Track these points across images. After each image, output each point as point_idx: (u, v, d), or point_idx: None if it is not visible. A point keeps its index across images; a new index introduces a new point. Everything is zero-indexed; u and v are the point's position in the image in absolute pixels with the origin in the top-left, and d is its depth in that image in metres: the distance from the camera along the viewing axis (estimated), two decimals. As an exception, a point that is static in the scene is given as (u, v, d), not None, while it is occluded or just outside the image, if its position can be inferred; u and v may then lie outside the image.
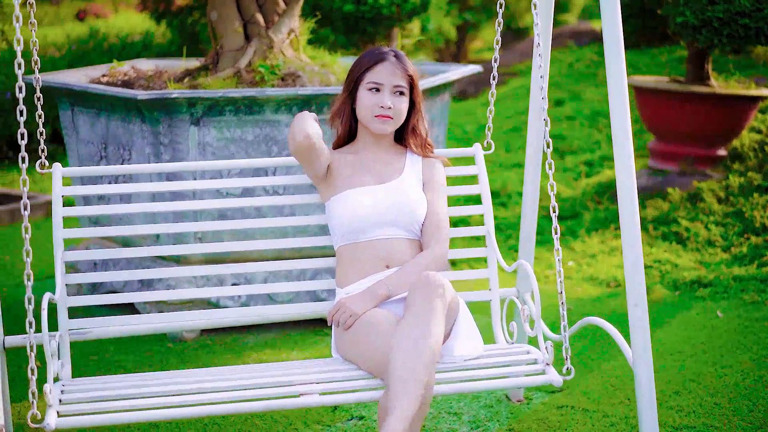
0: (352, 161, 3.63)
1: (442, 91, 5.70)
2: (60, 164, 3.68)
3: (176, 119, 4.81)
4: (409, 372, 3.06)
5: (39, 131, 3.53)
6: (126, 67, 5.98)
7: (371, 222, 3.52)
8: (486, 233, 3.86)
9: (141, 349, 4.96)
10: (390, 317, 3.33)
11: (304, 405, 3.20)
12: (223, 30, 5.52)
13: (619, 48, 3.33)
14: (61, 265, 3.52)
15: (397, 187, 3.58)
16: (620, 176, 3.36)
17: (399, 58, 3.59)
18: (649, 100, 7.36)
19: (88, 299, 3.67)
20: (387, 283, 3.45)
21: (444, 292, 3.22)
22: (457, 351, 3.41)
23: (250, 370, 3.47)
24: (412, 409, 3.02)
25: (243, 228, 3.81)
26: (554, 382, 3.37)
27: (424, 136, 3.71)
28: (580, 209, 7.09)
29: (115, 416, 3.12)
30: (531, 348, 3.58)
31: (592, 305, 5.49)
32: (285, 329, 5.21)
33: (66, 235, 3.59)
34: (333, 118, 3.70)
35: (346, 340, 3.43)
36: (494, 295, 3.83)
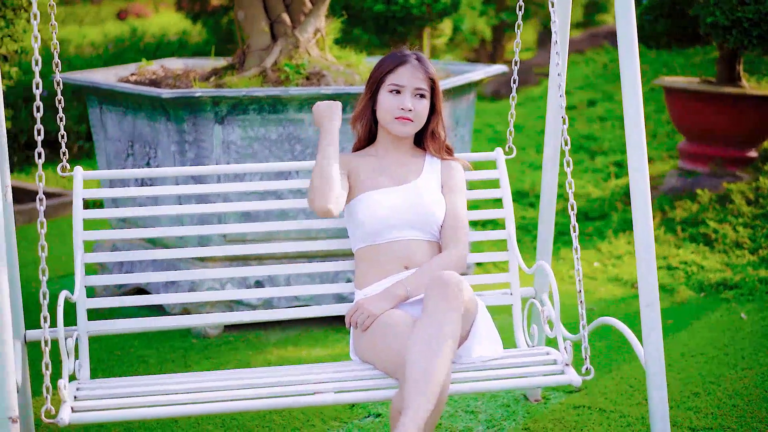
0: (372, 164, 3.65)
1: (468, 91, 5.70)
2: (81, 167, 3.73)
3: (201, 118, 4.86)
4: (424, 372, 3.07)
5: (60, 134, 3.58)
6: (155, 66, 6.05)
7: (390, 224, 3.54)
8: (507, 237, 3.87)
9: (165, 345, 5.02)
10: (407, 318, 3.35)
11: (319, 403, 3.23)
12: (249, 29, 5.57)
13: (633, 51, 3.34)
14: (80, 266, 3.56)
15: (415, 188, 3.60)
16: (633, 176, 3.36)
17: (421, 61, 3.60)
18: (679, 101, 7.32)
19: (108, 301, 3.70)
20: (405, 284, 3.47)
21: (460, 292, 3.22)
22: (476, 352, 3.41)
23: (267, 370, 3.50)
24: (427, 410, 3.03)
25: (267, 230, 3.85)
26: (573, 383, 3.37)
27: (443, 140, 3.72)
28: (608, 210, 7.07)
29: (130, 412, 3.16)
30: (550, 349, 3.58)
31: (616, 306, 5.47)
32: (307, 327, 5.24)
33: (86, 237, 3.64)
34: (354, 120, 3.72)
35: (363, 340, 3.45)
36: (515, 299, 3.84)
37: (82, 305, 3.58)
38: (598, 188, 7.57)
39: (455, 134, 5.58)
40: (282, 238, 4.94)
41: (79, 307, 3.57)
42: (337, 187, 3.47)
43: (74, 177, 3.69)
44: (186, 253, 3.78)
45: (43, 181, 3.19)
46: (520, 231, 6.88)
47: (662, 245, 6.35)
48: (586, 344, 3.41)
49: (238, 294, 3.78)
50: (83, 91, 5.61)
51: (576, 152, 8.58)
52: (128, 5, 22.34)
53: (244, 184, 3.83)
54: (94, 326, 3.63)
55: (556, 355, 3.50)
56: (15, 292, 3.63)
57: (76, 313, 3.59)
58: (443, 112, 3.69)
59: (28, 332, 3.63)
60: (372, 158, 3.67)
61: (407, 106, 3.55)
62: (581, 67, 11.47)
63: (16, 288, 3.64)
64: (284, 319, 4.24)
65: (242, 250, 3.81)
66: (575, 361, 3.64)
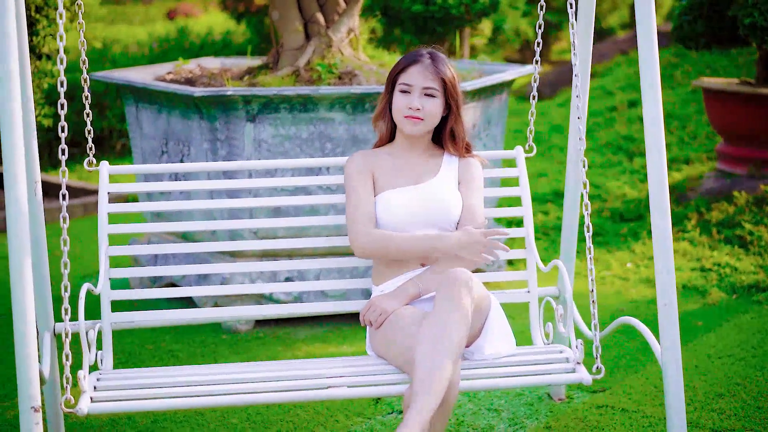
0: (390, 163, 3.69)
1: (500, 91, 5.72)
2: (107, 162, 3.81)
3: (232, 116, 4.93)
4: (430, 368, 3.11)
5: (87, 129, 3.66)
6: (192, 65, 6.13)
7: (407, 222, 3.57)
8: (525, 235, 3.88)
9: (195, 340, 5.09)
10: (418, 314, 3.39)
11: (332, 397, 3.27)
12: (283, 29, 5.63)
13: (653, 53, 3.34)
14: (105, 258, 3.63)
15: (431, 187, 3.63)
16: (652, 175, 3.36)
17: (434, 60, 3.60)
18: (717, 103, 7.28)
19: (134, 293, 3.78)
20: (417, 281, 3.51)
21: (469, 291, 3.25)
22: (488, 350, 3.45)
23: (282, 364, 3.55)
24: (432, 405, 3.07)
25: (297, 225, 3.90)
26: (584, 381, 3.38)
27: (463, 138, 3.73)
28: (643, 212, 7.04)
29: (150, 403, 3.22)
30: (564, 348, 3.60)
31: (646, 307, 5.46)
32: (336, 324, 5.29)
33: (111, 230, 3.72)
34: (375, 119, 3.76)
35: (377, 337, 3.50)
36: (533, 297, 3.85)
37: (106, 297, 3.65)
38: (635, 189, 7.54)
39: (487, 134, 5.60)
40: (312, 234, 4.99)
41: (103, 299, 3.65)
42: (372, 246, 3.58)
43: (100, 172, 3.78)
44: (217, 247, 3.84)
45: (66, 176, 3.27)
46: (555, 231, 6.88)
47: (697, 247, 6.33)
48: (597, 343, 3.42)
49: (267, 288, 3.84)
50: (120, 90, 5.70)
51: (614, 153, 8.56)
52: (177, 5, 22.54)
53: (274, 180, 3.89)
54: (117, 318, 3.70)
55: (569, 353, 3.52)
56: (44, 285, 3.71)
57: (101, 305, 3.67)
58: (463, 110, 3.70)
59: (57, 325, 3.71)
60: (390, 157, 3.70)
61: (414, 105, 3.57)
62: (624, 68, 11.43)
63: (45, 282, 3.73)
64: (313, 314, 4.28)
65: (272, 245, 3.86)
66: (589, 359, 3.65)
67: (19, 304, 3.00)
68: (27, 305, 3.01)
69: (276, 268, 3.87)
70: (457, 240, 3.48)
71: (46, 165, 9.05)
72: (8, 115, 3.00)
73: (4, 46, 2.99)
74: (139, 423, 4.12)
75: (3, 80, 2.99)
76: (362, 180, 3.63)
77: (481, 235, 3.45)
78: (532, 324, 3.84)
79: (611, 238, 6.72)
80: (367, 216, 3.57)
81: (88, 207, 7.54)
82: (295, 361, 3.59)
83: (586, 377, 3.38)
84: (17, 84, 3.01)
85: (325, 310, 3.88)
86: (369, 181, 3.64)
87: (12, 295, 3.01)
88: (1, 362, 4.76)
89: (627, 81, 10.57)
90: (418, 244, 3.52)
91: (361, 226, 3.54)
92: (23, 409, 3.01)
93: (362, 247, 3.54)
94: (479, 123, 5.51)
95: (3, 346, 4.96)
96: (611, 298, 5.65)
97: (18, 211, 3.00)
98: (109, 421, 4.13)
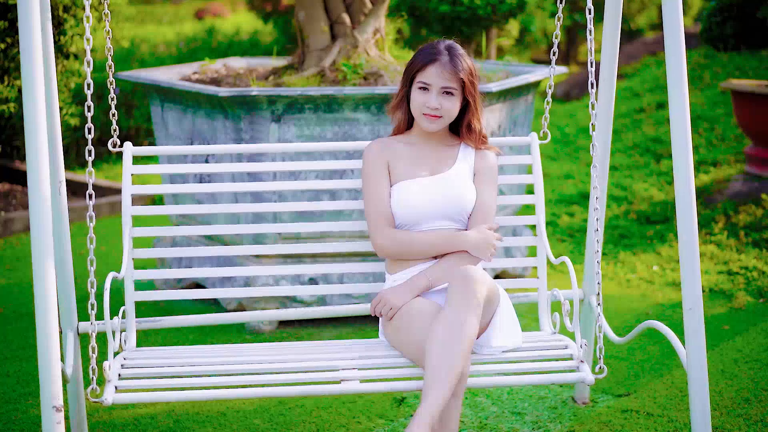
0: (406, 153, 3.70)
1: (526, 92, 5.69)
2: (131, 143, 3.83)
3: (257, 116, 4.93)
4: (442, 362, 3.15)
5: (111, 113, 3.72)
6: (218, 65, 6.14)
7: (421, 213, 3.60)
8: (536, 223, 3.87)
9: (219, 340, 5.09)
10: (431, 307, 3.42)
11: (345, 391, 3.29)
12: (309, 30, 5.62)
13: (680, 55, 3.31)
14: (128, 240, 3.68)
15: (447, 178, 3.64)
16: (678, 177, 3.33)
17: (453, 56, 3.59)
18: (746, 104, 7.22)
19: (164, 294, 3.80)
20: (428, 274, 3.53)
21: (481, 286, 3.29)
22: (495, 342, 3.48)
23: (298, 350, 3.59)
24: (444, 399, 3.11)
25: (322, 229, 3.91)
26: (586, 381, 3.37)
27: (480, 131, 3.73)
28: (670, 214, 6.99)
29: (173, 394, 3.25)
30: (569, 342, 3.57)
31: (672, 310, 5.42)
32: (360, 325, 5.28)
33: (135, 212, 3.75)
34: (393, 110, 3.77)
35: (389, 329, 3.55)
36: (541, 283, 3.85)
37: (130, 278, 3.70)
38: (662, 192, 7.49)
39: (512, 135, 5.57)
40: (336, 236, 4.99)
41: (126, 280, 3.69)
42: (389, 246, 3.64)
43: (124, 152, 3.81)
44: (242, 250, 3.86)
45: (93, 176, 3.28)
46: (582, 233, 6.85)
47: (724, 250, 6.28)
48: (601, 344, 3.41)
49: (291, 290, 3.85)
50: (146, 89, 5.71)
51: (642, 155, 8.51)
52: (206, 5, 22.63)
53: (299, 183, 3.89)
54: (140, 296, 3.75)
55: (574, 348, 3.50)
56: (68, 284, 3.72)
57: (124, 285, 3.70)
58: (481, 105, 3.70)
59: (81, 324, 3.72)
60: (407, 147, 3.72)
61: (433, 104, 3.58)
62: (652, 69, 11.35)
63: (69, 281, 3.74)
64: (337, 316, 4.27)
65: (296, 248, 3.87)
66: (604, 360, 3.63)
67: (42, 304, 3.00)
68: (49, 305, 3.01)
69: (300, 271, 3.87)
70: (473, 240, 3.56)
71: (72, 164, 9.10)
72: (33, 116, 3.00)
73: (29, 47, 2.99)
74: (162, 422, 4.12)
75: (27, 80, 3.00)
76: (379, 171, 3.66)
77: (494, 237, 3.57)
78: (540, 312, 3.83)
79: (637, 241, 6.67)
80: (385, 216, 3.62)
81: (115, 206, 7.57)
82: (307, 346, 3.64)
83: (589, 377, 3.36)
84: (41, 84, 3.02)
85: (348, 312, 3.89)
86: (385, 171, 3.67)
87: (35, 294, 3.02)
88: (26, 360, 4.78)
89: (655, 82, 10.50)
90: (435, 243, 3.58)
91: (380, 227, 3.61)
92: (45, 408, 3.01)
93: (383, 249, 3.61)
94: (505, 124, 5.49)
95: (27, 344, 4.98)
96: (636, 301, 5.61)
97: (42, 212, 3.01)
98: (131, 421, 4.13)
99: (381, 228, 3.60)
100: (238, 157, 5.00)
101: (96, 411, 4.20)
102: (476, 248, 3.56)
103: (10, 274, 6.26)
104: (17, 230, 7.15)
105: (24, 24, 2.99)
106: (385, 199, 3.63)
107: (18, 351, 4.92)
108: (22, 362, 4.77)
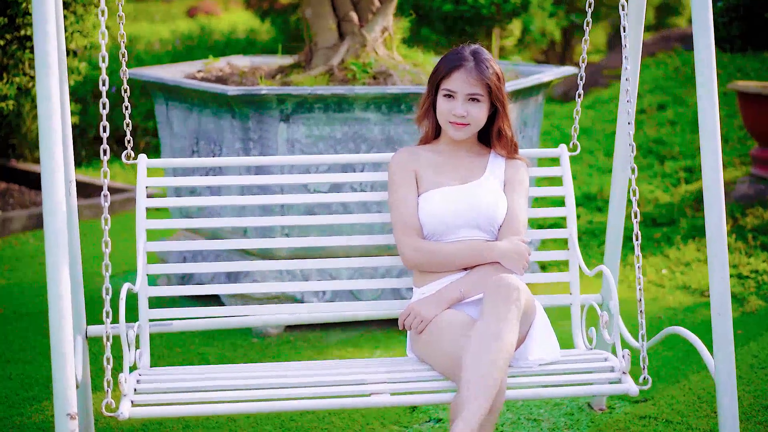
0: (435, 161, 3.59)
1: (536, 93, 5.62)
2: (146, 155, 3.73)
3: (265, 115, 4.84)
4: (480, 375, 3.03)
5: (125, 122, 3.60)
6: (221, 63, 6.05)
7: (451, 223, 3.48)
8: (568, 236, 3.78)
9: (225, 343, 5.01)
10: (464, 319, 3.30)
11: (374, 404, 3.18)
12: (317, 28, 5.54)
13: (710, 52, 3.24)
14: (143, 255, 3.55)
15: (477, 188, 3.53)
16: (707, 181, 3.26)
17: (478, 62, 3.48)
18: (752, 106, 7.15)
19: (169, 290, 3.70)
20: (459, 285, 3.41)
21: (519, 296, 3.17)
22: (532, 355, 3.36)
23: (324, 366, 3.48)
24: (482, 413, 2.99)
25: (329, 223, 3.81)
26: (630, 392, 3.29)
27: (510, 138, 3.63)
28: (677, 216, 6.93)
29: (190, 408, 3.14)
30: (609, 355, 3.49)
31: (684, 314, 5.36)
32: (369, 328, 5.20)
33: (149, 225, 3.64)
34: (419, 120, 3.67)
35: (419, 341, 3.41)
36: (575, 299, 3.76)
37: (144, 294, 3.57)
38: (667, 193, 7.43)
39: (523, 136, 5.50)
40: (345, 232, 4.90)
41: (140, 297, 3.57)
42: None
43: (138, 165, 3.70)
44: (247, 244, 3.76)
45: (108, 177, 3.18)
46: (587, 235, 6.78)
47: (733, 253, 6.21)
48: (644, 354, 3.32)
49: (298, 286, 3.74)
50: (150, 87, 5.62)
51: (645, 157, 8.44)
52: (198, 3, 22.52)
53: (306, 176, 3.80)
54: (155, 314, 3.62)
55: (614, 362, 3.42)
56: (77, 287, 3.63)
57: (138, 303, 3.59)
58: (510, 110, 3.60)
59: (90, 328, 3.62)
60: (435, 155, 3.61)
61: (459, 112, 3.47)
62: (652, 70, 11.28)
63: (78, 284, 3.64)
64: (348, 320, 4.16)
65: (304, 242, 3.77)
66: (635, 369, 3.55)
67: (56, 309, 2.92)
68: (64, 311, 2.93)
69: (308, 267, 3.75)
70: (505, 251, 3.43)
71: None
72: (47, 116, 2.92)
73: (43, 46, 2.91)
74: (171, 428, 4.03)
75: (41, 77, 2.92)
76: (405, 181, 3.54)
77: (526, 249, 3.44)
78: (574, 328, 3.74)
79: (644, 243, 6.60)
80: (412, 226, 3.49)
81: (113, 205, 7.46)
82: (334, 363, 3.52)
83: (633, 388, 3.28)
84: (56, 83, 2.93)
85: (358, 316, 3.79)
86: (412, 181, 3.54)
87: (49, 299, 2.94)
88: (28, 363, 4.69)
89: (655, 84, 10.44)
90: (465, 255, 3.44)
91: (407, 237, 3.48)
92: (59, 416, 2.93)
93: (410, 260, 3.48)
94: (515, 125, 5.40)
95: (30, 346, 4.89)
96: (648, 305, 5.54)
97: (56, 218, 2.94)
98: (139, 427, 4.04)
99: (408, 238, 3.47)
100: (245, 155, 4.91)
101: (102, 416, 4.10)
102: (508, 259, 3.42)
103: (10, 274, 6.16)
104: (15, 230, 7.05)
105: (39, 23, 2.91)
106: (413, 208, 3.50)
107: (20, 353, 4.82)
108: (24, 365, 4.67)
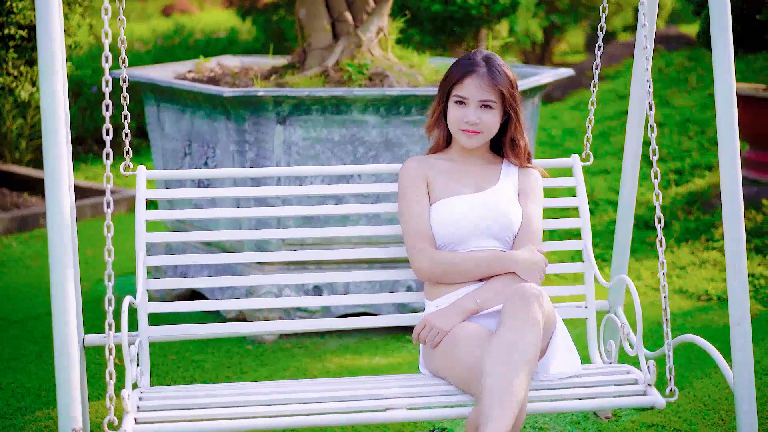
0: (447, 170, 3.50)
1: (532, 95, 5.55)
2: (144, 167, 3.60)
3: (262, 117, 4.74)
4: (504, 385, 2.93)
5: (125, 132, 3.43)
6: (212, 64, 5.94)
7: (465, 233, 3.38)
8: (583, 247, 3.70)
9: (220, 350, 4.90)
10: (481, 331, 3.20)
11: (392, 420, 3.10)
12: (311, 28, 5.44)
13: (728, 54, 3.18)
14: (143, 269, 3.42)
15: (491, 196, 3.44)
16: (725, 187, 3.21)
17: (491, 68, 3.38)
18: (744, 108, 7.10)
19: (170, 306, 3.56)
20: (475, 296, 3.31)
21: (540, 305, 3.08)
22: (554, 369, 3.27)
23: (335, 382, 3.37)
24: (507, 423, 2.89)
25: (327, 236, 3.70)
26: (657, 404, 3.22)
27: (524, 147, 3.54)
28: (669, 219, 6.88)
29: (194, 425, 3.04)
30: (631, 368, 3.41)
31: (683, 319, 5.30)
32: (366, 335, 5.10)
33: (150, 239, 3.51)
34: (430, 128, 3.57)
35: (435, 355, 3.31)
36: (591, 312, 3.68)
37: (144, 310, 3.44)
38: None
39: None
40: (342, 243, 4.81)
41: (140, 312, 3.44)
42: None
43: (137, 177, 3.56)
44: (243, 257, 3.63)
45: (111, 182, 3.07)
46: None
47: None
48: (670, 364, 3.25)
49: (295, 301, 3.64)
50: (139, 88, 5.49)
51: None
52: (173, 1, 22.35)
53: (304, 188, 3.69)
54: (155, 332, 3.50)
55: (637, 374, 3.34)
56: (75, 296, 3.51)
57: (137, 318, 3.47)
58: (524, 119, 3.51)
59: (87, 337, 3.50)
60: (447, 164, 3.52)
61: (471, 119, 3.38)
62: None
63: (77, 292, 3.53)
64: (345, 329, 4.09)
65: (301, 255, 3.68)
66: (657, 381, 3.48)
67: (61, 322, 2.83)
68: (69, 324, 2.83)
69: (305, 280, 3.65)
70: (522, 260, 3.34)
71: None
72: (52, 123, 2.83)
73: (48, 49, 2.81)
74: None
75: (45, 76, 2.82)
76: (416, 190, 3.44)
77: (543, 259, 3.36)
78: (589, 340, 3.66)
79: (638, 246, 6.55)
80: (425, 236, 3.39)
81: (98, 208, 7.34)
82: (348, 380, 3.41)
83: (660, 400, 3.21)
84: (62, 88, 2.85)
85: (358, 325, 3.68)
86: (424, 190, 3.45)
87: (53, 312, 2.86)
88: (19, 371, 4.57)
89: (640, 84, 10.41)
90: (480, 263, 3.35)
91: (419, 248, 3.37)
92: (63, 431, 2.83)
93: (425, 271, 3.37)
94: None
95: (20, 354, 4.77)
96: (647, 310, 5.46)
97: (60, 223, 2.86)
98: (137, 438, 3.93)
99: (421, 249, 3.36)
100: (241, 161, 4.81)
101: (99, 426, 3.99)
102: (526, 269, 3.32)
103: (-3, 279, 6.04)
104: (-1, 233, 6.92)
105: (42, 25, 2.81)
106: (425, 217, 3.40)
107: (11, 362, 4.70)
108: (15, 373, 4.55)
